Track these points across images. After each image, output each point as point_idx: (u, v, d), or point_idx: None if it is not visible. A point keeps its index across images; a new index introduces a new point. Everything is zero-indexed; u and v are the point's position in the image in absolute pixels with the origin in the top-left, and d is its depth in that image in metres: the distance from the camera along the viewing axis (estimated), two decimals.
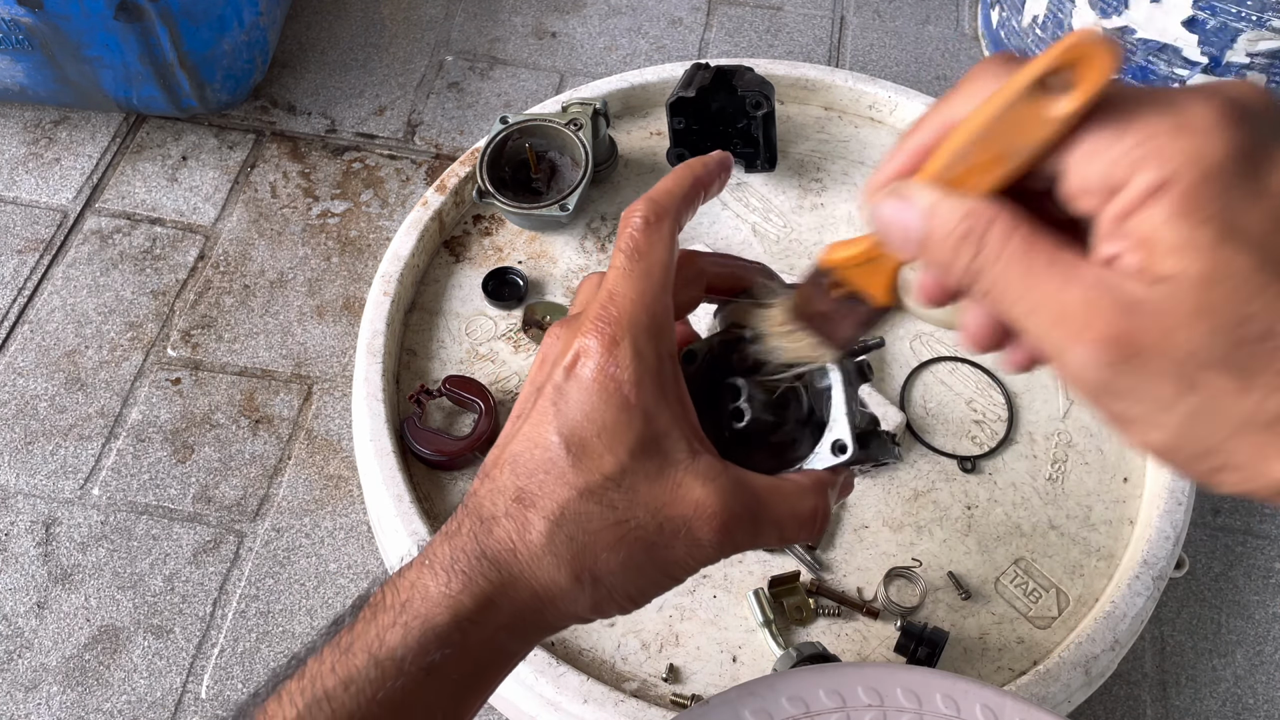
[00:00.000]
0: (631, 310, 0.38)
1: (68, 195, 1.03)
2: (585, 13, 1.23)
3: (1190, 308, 0.25)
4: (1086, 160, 0.27)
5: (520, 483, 0.38)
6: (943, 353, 0.83)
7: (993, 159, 0.29)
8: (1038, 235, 0.29)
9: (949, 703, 0.48)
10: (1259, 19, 0.87)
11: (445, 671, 0.37)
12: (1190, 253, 0.25)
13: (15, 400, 0.89)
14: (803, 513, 0.39)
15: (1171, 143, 0.26)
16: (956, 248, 0.30)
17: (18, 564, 0.80)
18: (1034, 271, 0.28)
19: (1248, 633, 0.79)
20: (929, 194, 0.30)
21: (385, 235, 1.00)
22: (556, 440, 0.37)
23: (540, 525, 0.37)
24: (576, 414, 0.37)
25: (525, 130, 0.88)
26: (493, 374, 0.81)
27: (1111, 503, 0.76)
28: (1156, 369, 0.26)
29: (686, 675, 0.67)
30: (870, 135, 0.97)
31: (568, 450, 0.37)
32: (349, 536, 0.82)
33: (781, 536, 0.39)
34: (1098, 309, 0.27)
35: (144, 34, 0.94)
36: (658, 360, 0.38)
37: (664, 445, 0.37)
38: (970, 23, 1.24)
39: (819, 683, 0.49)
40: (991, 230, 0.29)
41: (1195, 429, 0.27)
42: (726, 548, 0.38)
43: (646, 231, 0.40)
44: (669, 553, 0.38)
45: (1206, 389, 0.26)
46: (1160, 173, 0.26)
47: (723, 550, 0.38)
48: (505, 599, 0.38)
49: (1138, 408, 0.27)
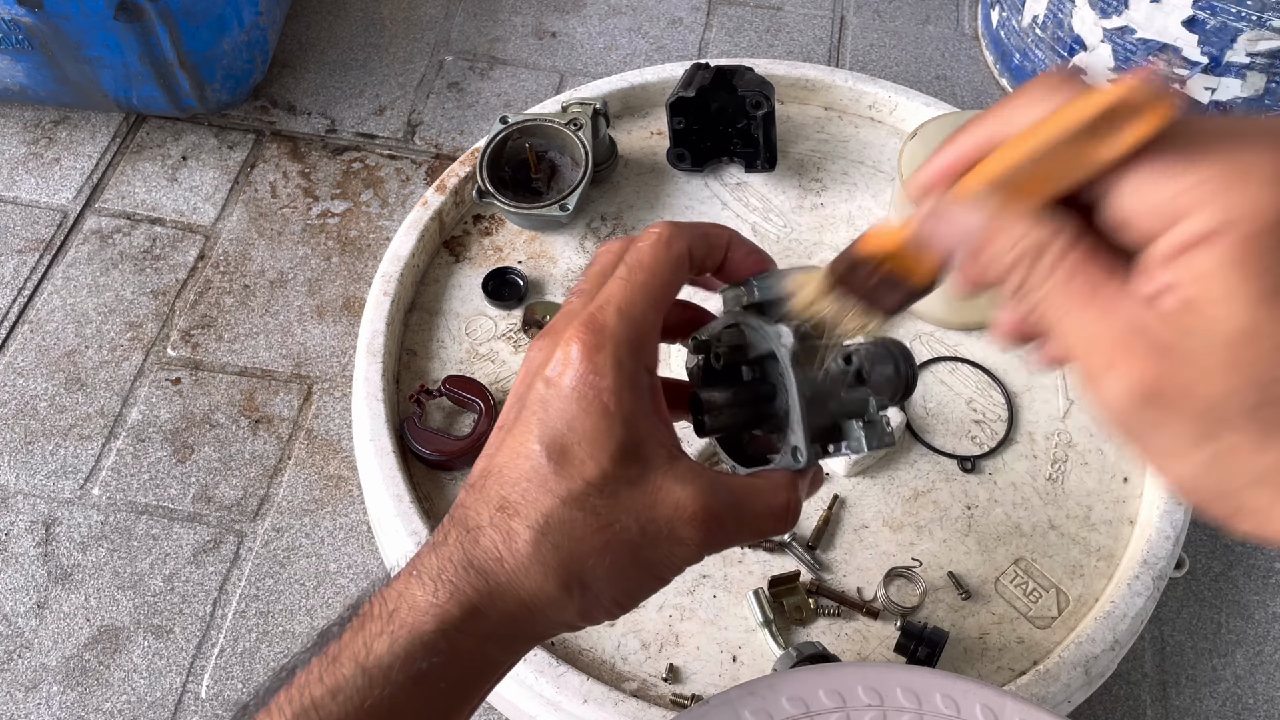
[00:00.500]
0: (617, 321, 0.38)
1: (68, 195, 1.03)
2: (585, 13, 1.23)
3: (1221, 361, 0.26)
4: (1142, 189, 0.27)
5: (504, 492, 0.39)
6: (943, 353, 0.83)
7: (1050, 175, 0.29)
8: (1089, 259, 0.29)
9: (949, 703, 0.48)
10: (1259, 19, 0.87)
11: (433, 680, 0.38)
12: (1233, 305, 0.25)
13: (15, 400, 0.89)
14: (776, 507, 0.40)
15: (1234, 188, 0.26)
16: (1012, 262, 0.30)
17: (18, 564, 0.80)
18: (1078, 297, 0.29)
19: (1248, 633, 0.79)
20: (991, 202, 0.30)
21: (385, 235, 1.00)
22: (539, 449, 0.38)
23: (525, 534, 0.38)
24: (558, 423, 0.38)
25: (525, 130, 0.88)
26: (493, 374, 0.81)
27: (1111, 503, 0.76)
28: (1180, 414, 0.27)
29: (686, 675, 0.68)
30: (870, 135, 0.97)
31: (550, 458, 0.38)
32: (349, 536, 0.82)
33: (758, 530, 0.40)
34: (1131, 348, 0.27)
35: (144, 34, 0.94)
36: (637, 372, 0.38)
37: (643, 452, 0.38)
38: (970, 23, 1.24)
39: (819, 683, 0.49)
40: (1050, 248, 0.29)
41: (1213, 473, 0.27)
42: (708, 546, 0.39)
43: (656, 248, 0.40)
44: (653, 553, 0.38)
45: (1227, 440, 0.26)
46: (1219, 217, 0.26)
47: (704, 548, 0.39)
48: (492, 608, 0.38)
49: (1161, 443, 0.28)
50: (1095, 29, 0.99)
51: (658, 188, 0.93)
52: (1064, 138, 0.28)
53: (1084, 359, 0.29)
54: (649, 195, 0.92)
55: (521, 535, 0.38)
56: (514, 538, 0.38)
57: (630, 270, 0.40)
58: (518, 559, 0.38)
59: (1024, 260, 0.30)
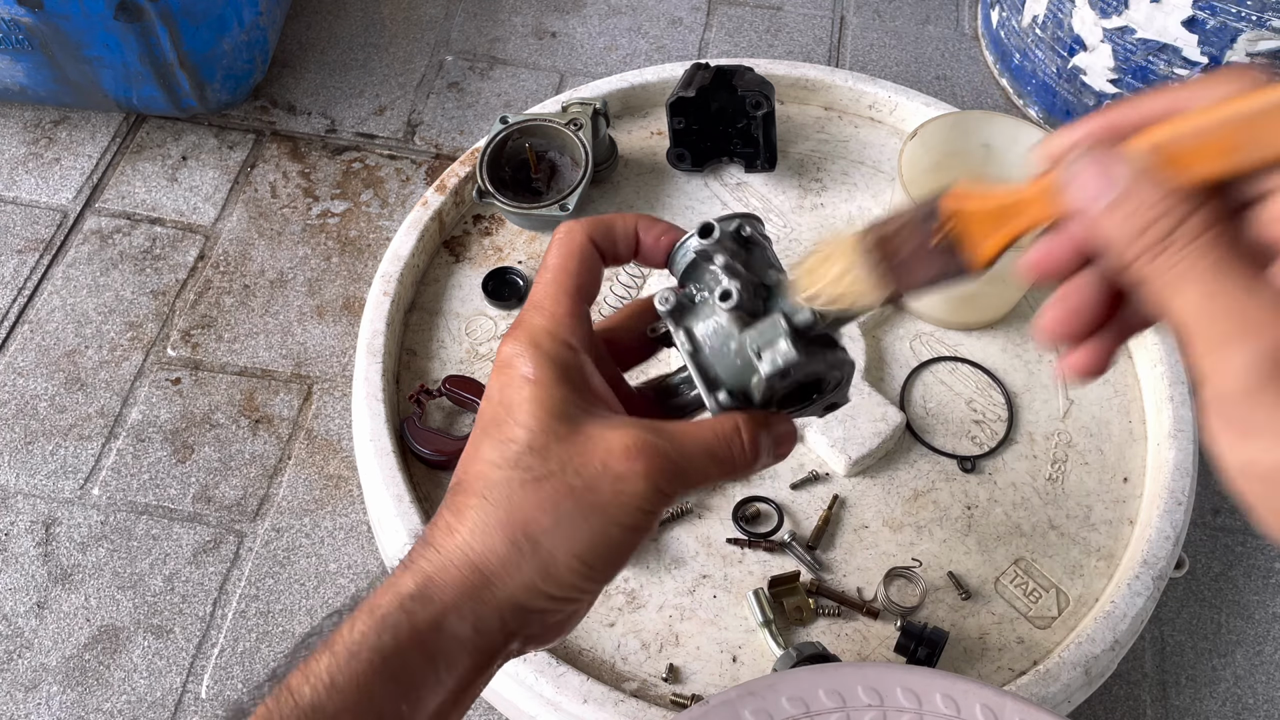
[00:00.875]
0: (533, 314, 0.43)
1: (68, 195, 1.03)
2: (585, 13, 1.23)
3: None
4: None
5: (457, 477, 0.42)
6: (943, 353, 0.83)
7: (1214, 153, 0.29)
8: (1229, 240, 0.29)
9: (949, 703, 0.48)
10: (1259, 19, 0.87)
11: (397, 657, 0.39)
12: None
13: (15, 400, 0.89)
14: (721, 436, 0.41)
15: None
16: (1149, 222, 0.30)
17: (18, 564, 0.80)
18: (1210, 271, 0.28)
19: (1248, 633, 0.79)
20: (1144, 160, 0.30)
21: (385, 235, 1.00)
22: (479, 432, 0.42)
23: (471, 501, 0.40)
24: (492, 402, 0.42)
25: (525, 130, 0.88)
26: None
27: (1111, 503, 0.76)
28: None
29: (686, 675, 0.68)
30: (870, 135, 0.97)
31: (485, 432, 0.41)
32: (349, 536, 0.82)
33: (708, 463, 0.41)
34: (1261, 322, 0.27)
35: (144, 34, 0.94)
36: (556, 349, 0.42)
37: (569, 410, 0.41)
38: (970, 23, 1.24)
39: (819, 683, 0.49)
40: (1192, 218, 0.29)
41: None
42: (654, 478, 0.39)
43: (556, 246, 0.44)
44: (597, 496, 0.39)
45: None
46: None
47: (650, 479, 0.39)
48: (445, 576, 0.40)
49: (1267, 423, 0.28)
50: (1095, 29, 0.99)
51: (658, 188, 0.93)
52: (1239, 119, 0.28)
53: (1210, 328, 0.28)
54: (649, 195, 0.92)
55: (468, 504, 0.41)
56: (462, 510, 0.41)
57: (540, 272, 0.45)
58: (465, 525, 0.40)
59: (1162, 222, 0.29)
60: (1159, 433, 0.77)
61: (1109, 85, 1.01)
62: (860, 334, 0.81)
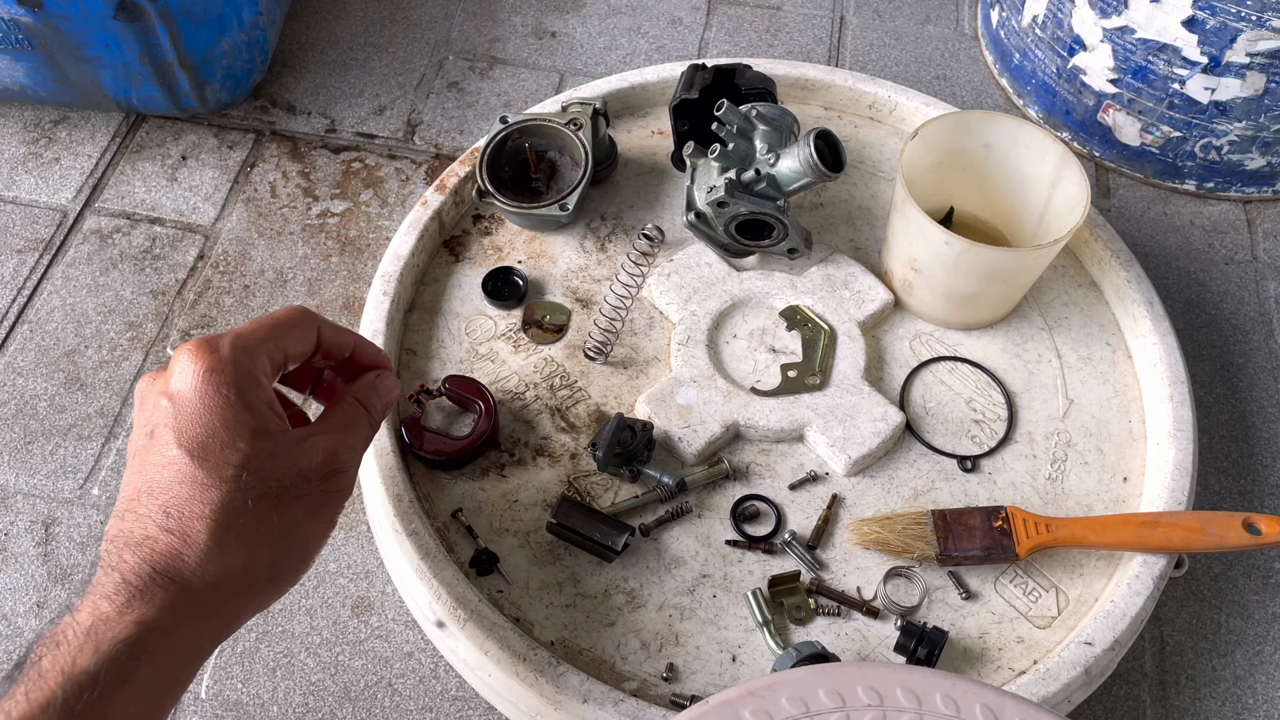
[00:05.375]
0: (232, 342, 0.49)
1: (67, 195, 1.03)
2: (585, 12, 1.23)
3: None
4: None
5: (162, 502, 0.44)
6: (943, 352, 0.83)
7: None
8: None
9: (949, 703, 0.48)
10: (1259, 19, 0.88)
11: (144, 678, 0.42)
12: None
13: (15, 400, 0.89)
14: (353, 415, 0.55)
15: None
16: None
17: (18, 564, 0.80)
18: None
19: (1247, 633, 0.79)
20: None
21: (385, 235, 1.00)
22: (179, 454, 0.45)
23: (199, 526, 0.44)
24: (192, 427, 0.46)
25: (525, 130, 0.88)
26: (493, 374, 0.81)
27: (1111, 503, 0.76)
28: None
29: (686, 675, 0.68)
30: (870, 135, 0.97)
31: (194, 458, 0.45)
32: (349, 536, 0.82)
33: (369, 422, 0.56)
34: None
35: (144, 34, 0.94)
36: (253, 375, 0.48)
37: (271, 429, 0.48)
38: (970, 23, 1.24)
39: (819, 683, 0.49)
40: None
41: None
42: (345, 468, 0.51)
43: (292, 309, 0.54)
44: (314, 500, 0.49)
45: None
46: None
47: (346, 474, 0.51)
48: (189, 602, 0.43)
49: None
50: (1095, 29, 0.99)
51: (658, 188, 0.93)
52: None
53: None
54: (649, 195, 0.92)
55: (196, 529, 0.43)
56: (190, 535, 0.43)
57: (253, 322, 0.51)
58: (199, 551, 0.43)
59: None
60: (1159, 432, 0.77)
61: (1109, 85, 1.02)
62: (860, 334, 0.81)
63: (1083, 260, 0.89)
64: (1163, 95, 0.98)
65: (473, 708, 0.74)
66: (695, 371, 0.78)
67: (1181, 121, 1.00)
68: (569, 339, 0.83)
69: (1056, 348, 0.84)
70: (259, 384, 0.48)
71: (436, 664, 0.75)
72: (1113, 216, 1.05)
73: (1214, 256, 1.02)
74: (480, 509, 0.74)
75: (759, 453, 0.77)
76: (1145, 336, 0.82)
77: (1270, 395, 0.93)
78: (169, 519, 0.43)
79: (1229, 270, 1.01)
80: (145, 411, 0.48)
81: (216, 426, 0.45)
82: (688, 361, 0.79)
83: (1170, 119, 1.00)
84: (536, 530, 0.73)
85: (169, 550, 0.43)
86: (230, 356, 0.47)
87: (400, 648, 0.76)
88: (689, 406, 0.76)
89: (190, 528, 0.43)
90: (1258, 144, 0.99)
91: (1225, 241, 1.04)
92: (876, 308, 0.82)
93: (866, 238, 0.89)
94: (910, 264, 0.80)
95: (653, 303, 0.84)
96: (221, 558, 0.44)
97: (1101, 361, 0.83)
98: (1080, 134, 1.09)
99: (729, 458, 0.76)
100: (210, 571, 0.43)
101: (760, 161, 0.78)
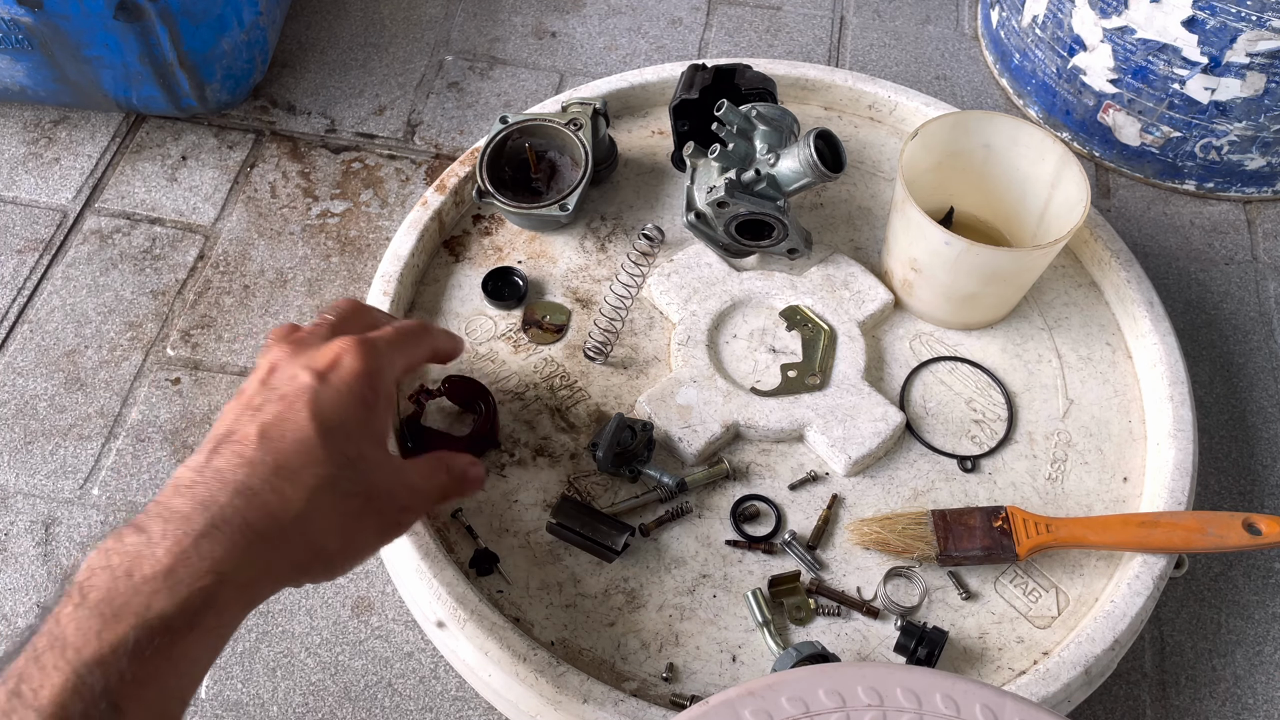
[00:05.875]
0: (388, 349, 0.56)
1: (67, 195, 1.03)
2: (585, 12, 1.23)
3: None
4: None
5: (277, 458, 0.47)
6: (942, 352, 0.83)
7: None
8: None
9: (949, 703, 0.48)
10: (1259, 19, 0.88)
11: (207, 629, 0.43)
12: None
13: (15, 400, 0.89)
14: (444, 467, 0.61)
15: None
16: None
17: (17, 564, 0.80)
18: None
19: (1248, 633, 0.79)
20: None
21: (385, 235, 1.00)
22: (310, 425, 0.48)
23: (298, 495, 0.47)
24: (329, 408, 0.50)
25: (525, 130, 0.88)
26: (493, 374, 0.81)
27: (1111, 503, 0.76)
28: None
29: (686, 675, 0.68)
30: (870, 135, 0.97)
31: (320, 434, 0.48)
32: None
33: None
34: None
35: (144, 34, 0.94)
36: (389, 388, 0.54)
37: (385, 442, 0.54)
38: (970, 23, 1.24)
39: (819, 683, 0.49)
40: None
41: None
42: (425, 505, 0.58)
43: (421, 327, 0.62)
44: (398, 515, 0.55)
45: None
46: None
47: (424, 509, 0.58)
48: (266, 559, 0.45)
49: None
50: (1095, 29, 0.99)
51: (658, 188, 0.93)
52: None
53: None
54: (649, 195, 0.92)
55: (297, 496, 0.46)
56: (289, 500, 0.46)
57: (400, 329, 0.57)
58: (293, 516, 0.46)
59: None
60: (1159, 432, 0.77)
61: (1109, 85, 1.02)
62: (860, 334, 0.81)
63: (1083, 260, 0.89)
64: (1163, 95, 0.98)
65: (473, 708, 0.74)
66: (695, 371, 0.78)
67: (1181, 122, 1.00)
68: (569, 339, 0.83)
69: (1056, 348, 0.84)
70: (391, 398, 0.54)
71: (436, 664, 0.75)
72: (1113, 217, 1.05)
73: (1214, 256, 1.02)
74: (480, 509, 0.74)
75: (759, 453, 0.77)
76: (1145, 336, 0.82)
77: (1270, 395, 0.93)
78: (278, 477, 0.46)
79: (1229, 270, 1.01)
80: (282, 376, 0.51)
81: (350, 421, 0.49)
82: (688, 361, 0.79)
83: (1170, 119, 1.00)
84: (536, 530, 0.73)
85: (267, 507, 0.45)
86: (382, 367, 0.52)
87: (400, 648, 0.76)
88: (689, 406, 0.76)
89: (294, 494, 0.46)
90: (1258, 144, 0.99)
91: (1225, 241, 1.04)
92: (876, 308, 0.82)
93: (866, 238, 0.89)
94: (910, 264, 0.80)
95: (653, 303, 0.84)
96: (306, 530, 0.46)
97: (1101, 361, 0.83)
98: (1080, 134, 1.09)
99: (729, 458, 0.76)
100: (292, 538, 0.46)
101: (760, 162, 0.78)
